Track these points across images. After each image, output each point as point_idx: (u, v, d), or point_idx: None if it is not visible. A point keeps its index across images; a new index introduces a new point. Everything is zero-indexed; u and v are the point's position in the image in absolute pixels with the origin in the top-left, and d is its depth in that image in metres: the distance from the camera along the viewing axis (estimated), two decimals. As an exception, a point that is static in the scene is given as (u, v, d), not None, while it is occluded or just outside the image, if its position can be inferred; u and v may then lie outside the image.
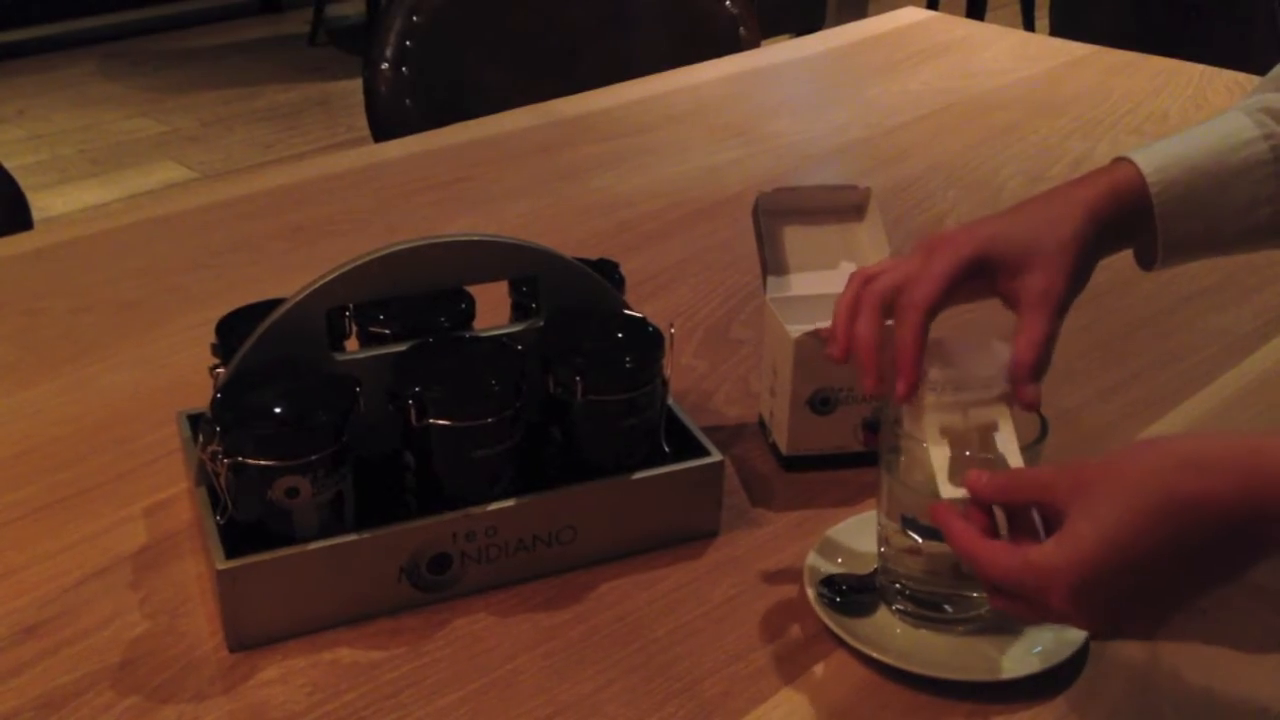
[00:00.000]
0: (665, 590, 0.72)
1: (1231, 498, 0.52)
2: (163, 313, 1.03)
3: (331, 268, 0.71)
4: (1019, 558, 0.56)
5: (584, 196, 1.26)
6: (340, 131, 3.61)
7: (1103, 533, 0.54)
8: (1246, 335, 0.99)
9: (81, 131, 3.63)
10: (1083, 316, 1.02)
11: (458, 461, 0.70)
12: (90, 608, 0.70)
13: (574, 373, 0.71)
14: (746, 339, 0.98)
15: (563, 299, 0.76)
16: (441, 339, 0.74)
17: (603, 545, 0.73)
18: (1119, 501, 0.54)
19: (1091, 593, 0.54)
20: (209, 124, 3.70)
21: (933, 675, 0.64)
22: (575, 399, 0.71)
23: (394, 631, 0.68)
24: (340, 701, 0.64)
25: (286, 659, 0.66)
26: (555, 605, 0.70)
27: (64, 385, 0.92)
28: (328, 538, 0.67)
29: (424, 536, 0.69)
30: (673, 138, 1.41)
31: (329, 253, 0.71)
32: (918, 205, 1.23)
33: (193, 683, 0.65)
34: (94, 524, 0.77)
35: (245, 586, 0.65)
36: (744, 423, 0.88)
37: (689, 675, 0.66)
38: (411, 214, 1.21)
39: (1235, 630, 0.68)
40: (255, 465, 0.65)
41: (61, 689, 0.64)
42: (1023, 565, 0.56)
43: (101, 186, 3.25)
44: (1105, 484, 0.55)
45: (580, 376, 0.71)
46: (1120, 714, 0.63)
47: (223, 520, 0.68)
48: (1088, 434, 0.86)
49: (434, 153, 1.36)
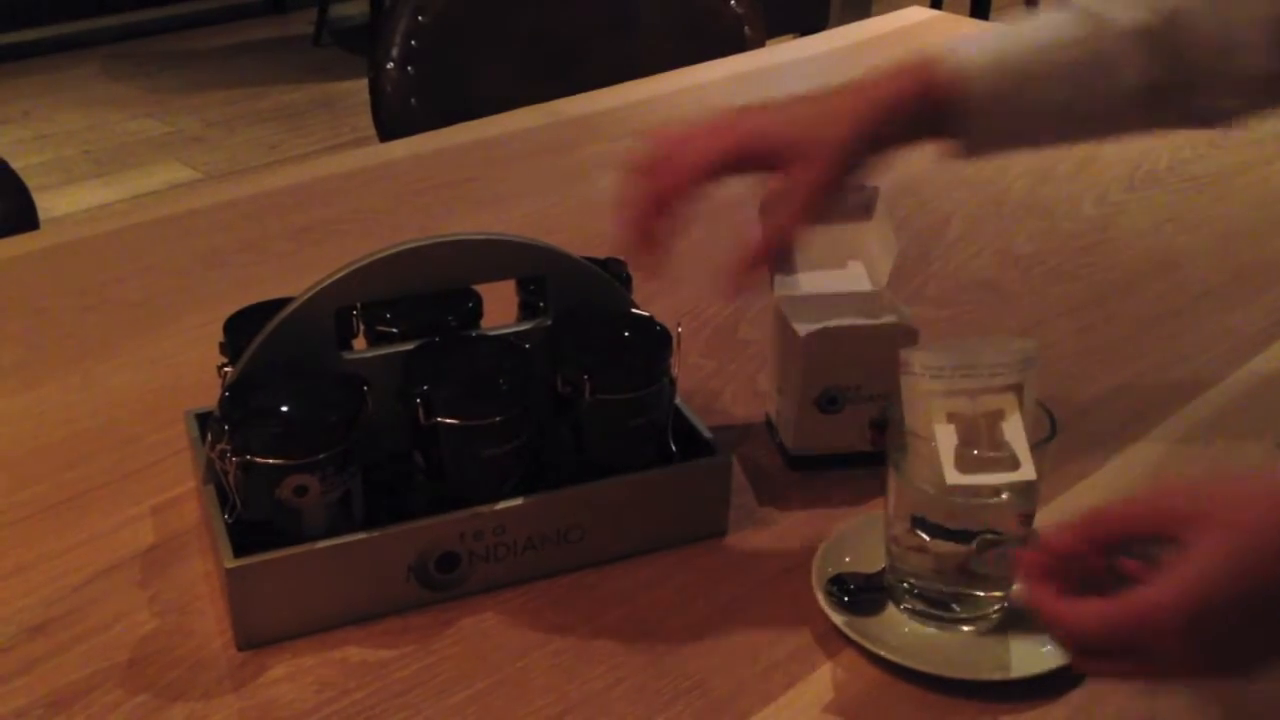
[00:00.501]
0: (673, 589, 0.72)
1: None
2: (169, 312, 1.03)
3: (339, 266, 0.71)
4: (1117, 605, 0.51)
5: (590, 196, 1.26)
6: (345, 132, 3.61)
7: (1219, 559, 0.49)
8: (1255, 335, 0.99)
9: (86, 132, 3.63)
10: (1090, 316, 1.03)
11: (466, 460, 0.70)
12: (99, 606, 0.70)
13: (582, 372, 0.71)
14: (753, 339, 0.98)
15: (571, 298, 0.76)
16: (449, 338, 0.74)
17: (611, 544, 0.73)
18: (1241, 525, 0.50)
19: (1210, 622, 0.49)
20: (213, 125, 3.70)
21: (942, 674, 0.64)
22: (583, 398, 0.71)
23: (402, 630, 0.68)
24: (349, 700, 0.64)
25: (295, 657, 0.66)
26: (563, 604, 0.70)
27: (71, 384, 0.92)
28: (336, 536, 0.67)
29: (432, 535, 0.69)
30: (678, 137, 1.41)
31: (336, 253, 0.71)
32: (923, 205, 1.23)
33: (202, 681, 0.65)
34: (102, 522, 0.77)
35: (254, 585, 0.65)
36: (751, 422, 0.88)
37: (698, 674, 0.66)
38: (418, 214, 1.21)
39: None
40: (264, 464, 0.65)
41: (70, 687, 0.64)
42: (1122, 611, 0.51)
43: (106, 187, 3.26)
44: (1216, 511, 0.51)
45: (588, 375, 0.71)
46: (1128, 714, 0.63)
47: (231, 519, 0.68)
48: (1096, 434, 0.85)
49: (440, 152, 1.36)
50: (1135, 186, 1.27)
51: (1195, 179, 1.29)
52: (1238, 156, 1.34)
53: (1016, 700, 0.64)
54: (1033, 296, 1.06)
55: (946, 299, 1.05)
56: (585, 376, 0.71)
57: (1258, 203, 1.24)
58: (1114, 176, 1.29)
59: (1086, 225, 1.19)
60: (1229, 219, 1.21)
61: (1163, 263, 1.12)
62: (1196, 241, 1.16)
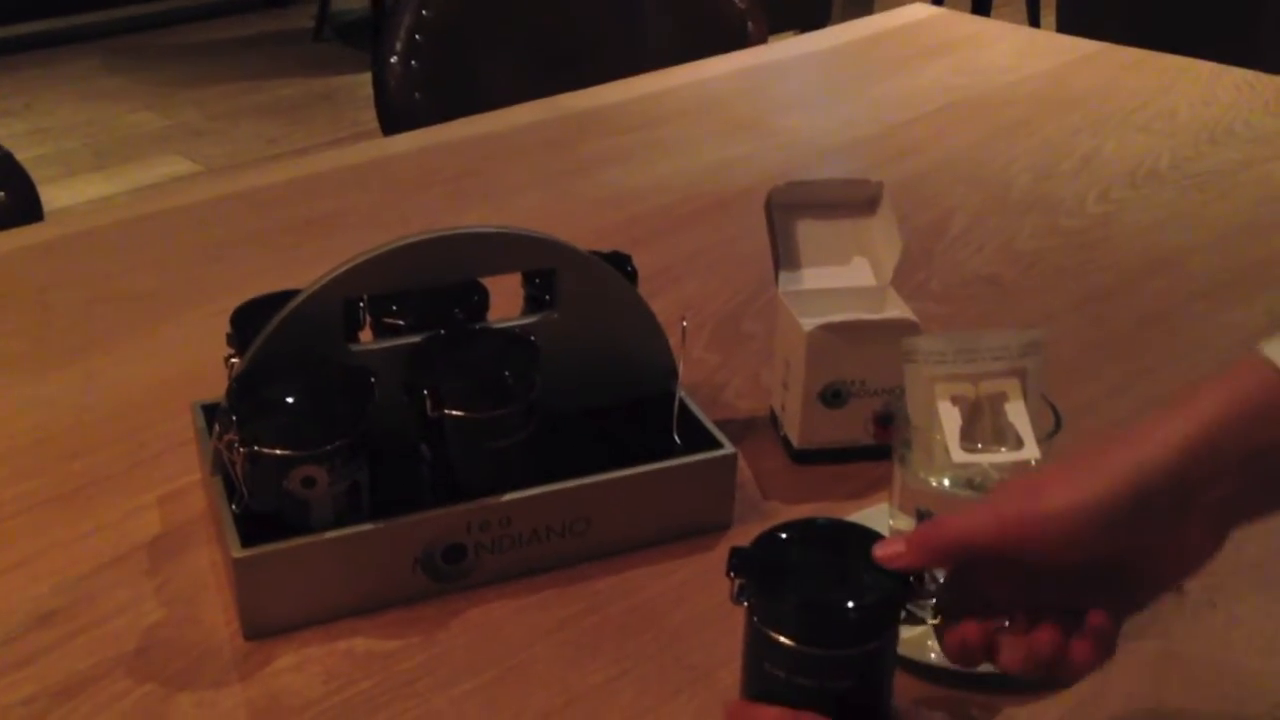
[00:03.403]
0: (678, 581, 0.72)
1: None
2: (175, 305, 1.03)
3: (347, 259, 0.71)
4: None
5: (593, 191, 1.26)
6: (346, 126, 3.61)
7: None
8: (1256, 332, 0.98)
9: (86, 125, 3.63)
10: (1093, 313, 1.03)
11: (472, 452, 0.70)
12: (106, 595, 0.70)
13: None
14: (757, 333, 0.99)
15: (577, 291, 0.76)
16: (456, 331, 0.75)
17: (616, 536, 0.73)
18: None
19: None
20: (214, 118, 3.70)
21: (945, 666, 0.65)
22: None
23: (409, 621, 0.69)
24: (356, 690, 0.64)
25: (303, 647, 0.66)
26: (569, 595, 0.71)
27: (77, 376, 0.93)
28: (343, 527, 0.67)
29: (439, 527, 0.69)
30: (682, 132, 1.41)
31: (340, 246, 0.72)
32: (926, 201, 1.23)
33: (209, 670, 0.65)
34: (108, 513, 0.77)
35: (261, 575, 0.66)
36: (755, 416, 0.88)
37: (702, 665, 0.66)
38: (421, 208, 1.22)
39: (1248, 624, 0.69)
40: (271, 454, 0.66)
41: (78, 675, 0.64)
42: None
43: (106, 180, 3.26)
44: None
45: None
46: (1132, 707, 0.64)
47: (238, 509, 0.68)
48: (1099, 430, 0.86)
49: (443, 146, 1.36)
50: (1137, 184, 1.27)
51: (1197, 177, 1.29)
52: (1239, 154, 1.34)
53: (1020, 693, 0.64)
54: (1035, 293, 1.07)
55: (949, 295, 1.06)
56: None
57: (1259, 200, 1.24)
58: (1116, 174, 1.29)
59: (1088, 222, 1.19)
60: (1230, 216, 1.21)
61: (1164, 260, 1.12)
62: (1198, 239, 1.16)
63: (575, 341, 0.76)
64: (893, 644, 0.57)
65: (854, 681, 0.56)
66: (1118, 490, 0.51)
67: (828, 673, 0.55)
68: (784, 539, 0.58)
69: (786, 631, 0.55)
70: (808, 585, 0.56)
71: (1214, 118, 1.43)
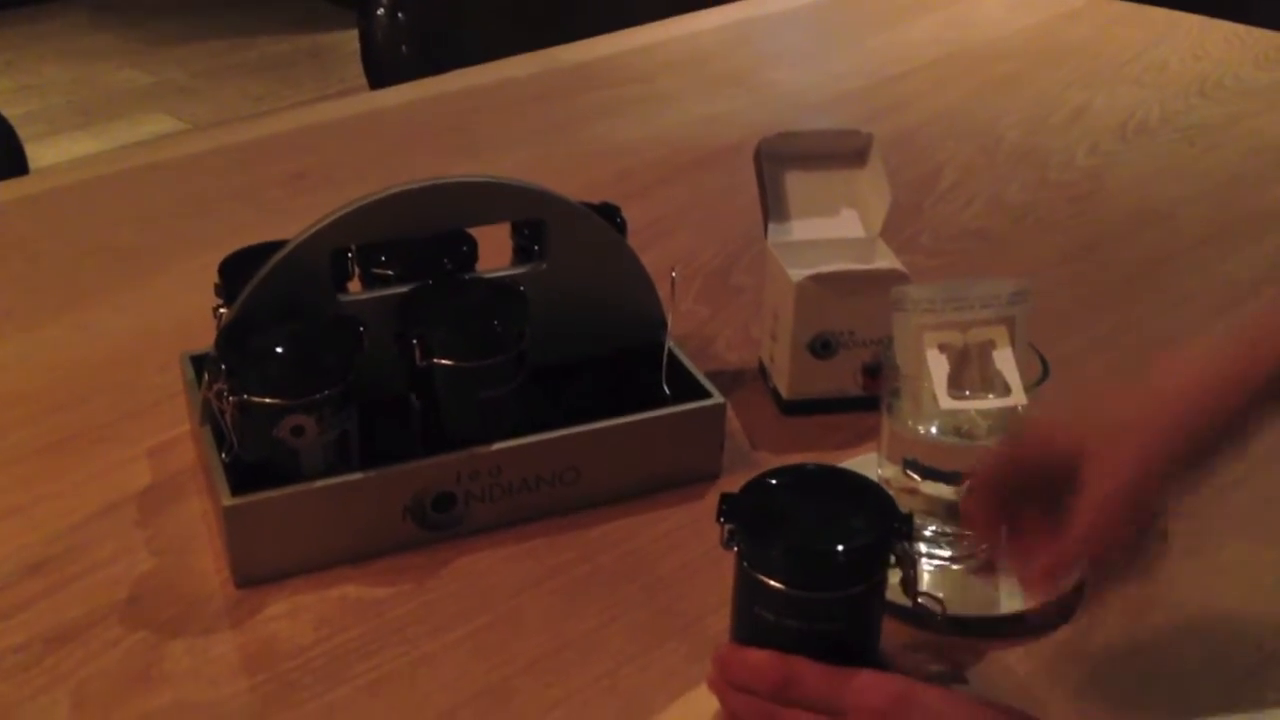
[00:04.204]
0: (668, 530, 0.72)
1: None
2: (162, 258, 1.02)
3: (335, 208, 0.71)
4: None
5: (583, 145, 1.26)
6: (333, 83, 3.58)
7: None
8: (1246, 283, 0.99)
9: (71, 83, 3.60)
10: (1081, 265, 1.03)
11: (462, 402, 0.71)
12: (97, 545, 0.70)
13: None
14: (747, 286, 0.99)
15: (567, 242, 0.76)
16: (445, 280, 0.74)
17: (606, 486, 0.74)
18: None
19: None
20: (199, 76, 3.67)
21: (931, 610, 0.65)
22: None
23: (399, 569, 0.69)
24: (347, 636, 0.64)
25: (294, 595, 0.67)
26: (559, 544, 0.71)
27: (64, 329, 0.92)
28: (333, 476, 0.67)
29: (428, 476, 0.69)
30: (672, 86, 1.41)
31: (328, 199, 0.71)
32: (917, 155, 1.23)
33: (201, 617, 0.65)
34: (98, 464, 0.77)
35: (251, 523, 0.66)
36: (745, 368, 0.88)
37: (691, 612, 0.66)
38: (410, 161, 1.21)
39: (1231, 570, 0.69)
40: (261, 403, 0.66)
41: (71, 623, 0.65)
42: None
43: (92, 138, 3.23)
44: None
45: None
46: (1116, 649, 0.64)
47: (228, 459, 0.68)
48: (1086, 381, 0.86)
49: (432, 100, 1.36)
50: (1127, 137, 1.27)
51: (1187, 130, 1.29)
52: (1229, 108, 1.34)
53: (1005, 637, 0.64)
54: (1024, 245, 1.07)
55: (939, 248, 1.06)
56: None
57: (1248, 153, 1.25)
58: (1106, 127, 1.29)
59: (1079, 175, 1.19)
60: (1220, 169, 1.21)
61: (1153, 213, 1.12)
62: (1187, 191, 1.17)
63: (564, 292, 0.76)
64: (881, 587, 0.58)
65: (842, 624, 0.57)
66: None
67: (816, 615, 0.56)
68: (773, 484, 0.59)
69: (775, 575, 0.55)
70: (797, 529, 0.56)
71: (1204, 71, 1.43)
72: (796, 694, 0.55)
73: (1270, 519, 0.74)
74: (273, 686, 0.61)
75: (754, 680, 0.56)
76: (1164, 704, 0.61)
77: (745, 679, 0.57)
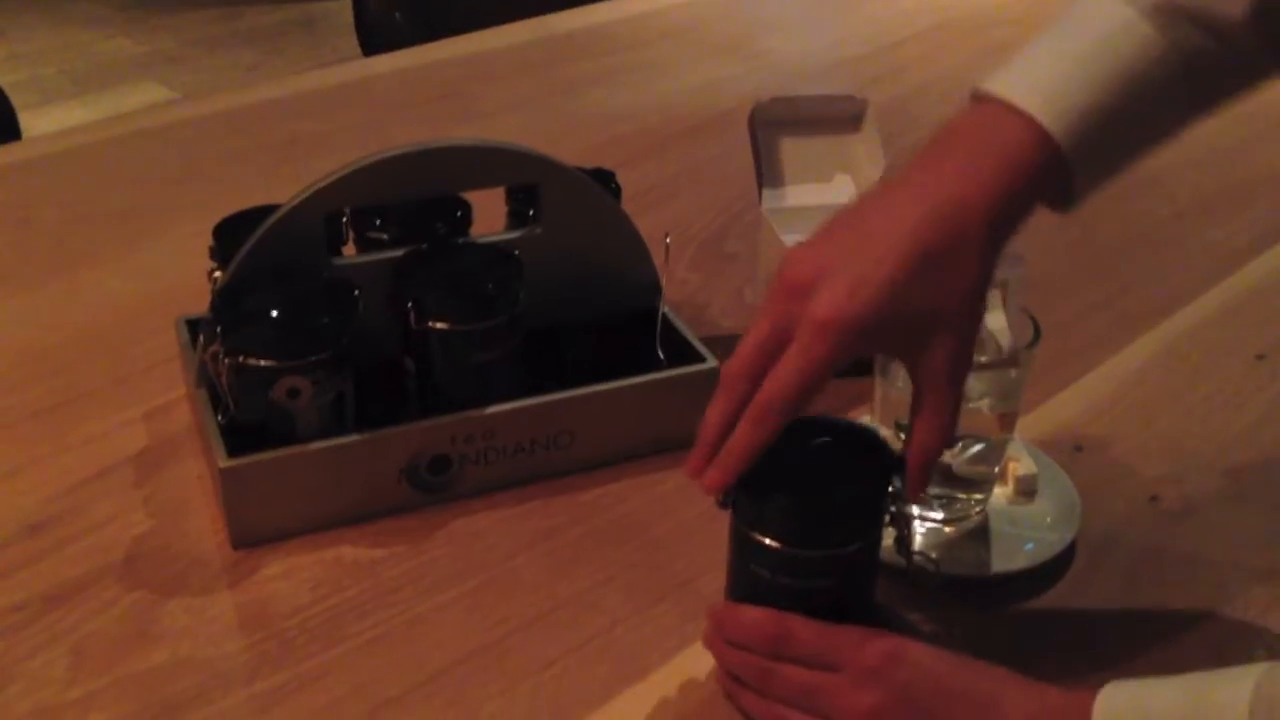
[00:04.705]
0: (662, 493, 0.73)
1: None
2: (155, 223, 1.02)
3: (330, 171, 0.70)
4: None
5: (578, 112, 1.26)
6: (326, 53, 3.57)
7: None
8: (1239, 249, 1.00)
9: (62, 51, 3.58)
10: (1074, 231, 1.03)
11: (456, 365, 0.71)
12: (93, 506, 0.71)
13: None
14: (740, 253, 0.99)
15: (561, 207, 0.76)
16: (440, 245, 0.74)
17: (600, 449, 0.74)
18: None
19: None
20: (191, 45, 3.65)
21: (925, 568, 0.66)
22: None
23: (395, 531, 0.69)
24: (343, 596, 0.65)
25: (290, 556, 0.67)
26: (554, 507, 0.71)
27: (58, 292, 0.92)
28: (329, 439, 0.68)
29: (423, 438, 0.69)
30: (667, 53, 1.40)
31: (322, 166, 0.71)
32: (913, 122, 1.22)
33: (198, 578, 0.66)
34: (93, 427, 0.77)
35: (247, 484, 0.66)
36: (738, 334, 0.87)
37: (686, 573, 0.67)
38: (404, 128, 1.21)
39: (1220, 530, 0.70)
40: (257, 365, 0.66)
41: (68, 583, 0.65)
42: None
43: (83, 107, 3.22)
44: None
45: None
46: (1107, 611, 0.65)
47: (224, 421, 0.68)
48: (1079, 346, 0.87)
49: (426, 68, 1.35)
50: (1122, 105, 1.27)
51: (1181, 98, 1.28)
52: (1224, 76, 1.34)
53: (997, 596, 0.65)
54: (1018, 213, 1.07)
55: (932, 215, 1.05)
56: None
57: (1241, 119, 1.23)
58: (1101, 95, 1.29)
59: (1072, 143, 1.19)
60: (1214, 136, 1.20)
61: (1147, 179, 1.11)
62: (1180, 157, 1.15)
63: (559, 257, 0.76)
64: (876, 545, 0.58)
65: (836, 581, 0.57)
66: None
67: (811, 572, 0.56)
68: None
69: (770, 532, 0.55)
70: (791, 487, 0.56)
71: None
72: (791, 650, 0.56)
73: (1257, 481, 0.74)
74: (270, 645, 0.62)
75: (749, 637, 0.57)
76: (1153, 662, 0.61)
77: (740, 636, 0.57)
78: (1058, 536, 0.67)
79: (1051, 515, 0.69)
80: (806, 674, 0.55)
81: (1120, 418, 0.80)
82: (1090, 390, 0.82)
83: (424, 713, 0.58)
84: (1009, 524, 0.69)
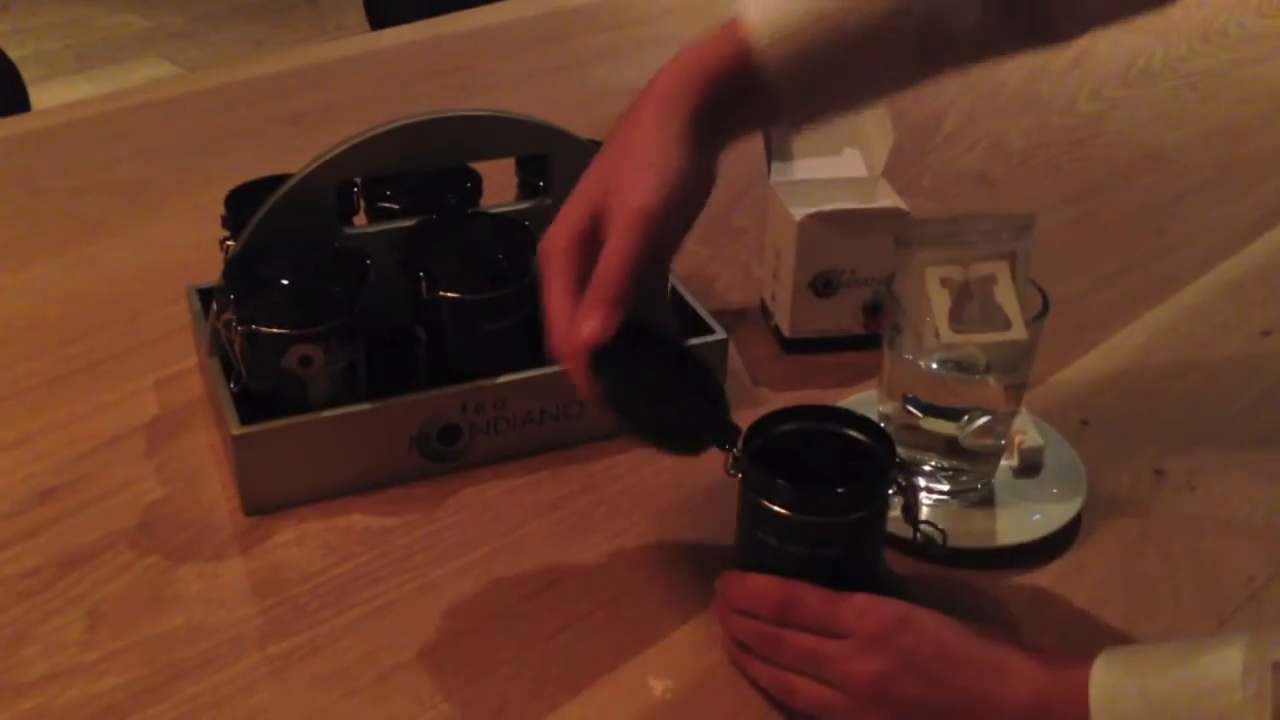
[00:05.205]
0: (671, 464, 0.73)
1: None
2: (165, 194, 1.03)
3: (341, 140, 0.71)
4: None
5: (585, 87, 1.26)
6: (331, 29, 3.56)
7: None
8: (1245, 227, 1.00)
9: (67, 26, 3.56)
10: (1080, 208, 1.04)
11: (467, 334, 0.71)
12: (106, 473, 0.71)
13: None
14: (748, 227, 0.99)
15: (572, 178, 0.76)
16: (451, 214, 0.75)
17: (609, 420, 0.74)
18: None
19: None
20: (196, 20, 3.64)
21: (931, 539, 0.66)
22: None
23: (406, 499, 0.70)
24: (354, 563, 0.65)
25: (301, 523, 0.68)
26: (563, 477, 0.72)
27: (68, 263, 0.93)
28: (340, 407, 0.68)
29: (434, 408, 0.70)
30: (673, 29, 1.40)
31: (330, 137, 0.71)
32: (919, 100, 1.22)
33: (210, 544, 0.66)
34: (106, 395, 0.78)
35: (260, 451, 0.67)
36: (746, 307, 0.89)
37: (693, 542, 0.67)
38: (411, 102, 1.20)
39: (1224, 505, 0.71)
40: (269, 333, 0.66)
41: (82, 548, 0.66)
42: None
43: (89, 82, 3.21)
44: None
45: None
46: (1111, 580, 0.65)
47: (237, 389, 0.69)
48: (1085, 321, 0.87)
49: (432, 41, 1.35)
50: (1129, 82, 1.27)
51: (1188, 76, 1.29)
52: (1231, 54, 1.34)
53: (1002, 569, 0.66)
54: (1025, 189, 1.07)
55: (941, 191, 1.06)
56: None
57: (1248, 99, 1.25)
58: (1108, 72, 1.29)
59: (1080, 120, 1.19)
60: (1220, 115, 1.21)
61: (1154, 157, 1.13)
62: (1187, 136, 1.17)
63: (568, 228, 0.76)
64: (882, 514, 0.59)
65: (844, 549, 0.58)
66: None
67: (818, 540, 0.57)
68: (778, 416, 0.60)
69: (778, 500, 0.56)
70: (800, 455, 0.57)
71: (1207, 18, 1.43)
72: (797, 617, 0.56)
73: (1261, 455, 0.75)
74: (282, 610, 0.62)
75: (756, 604, 0.57)
76: (1157, 633, 0.62)
77: (747, 603, 0.58)
78: (1063, 509, 0.68)
79: (1057, 488, 0.70)
80: (813, 640, 0.56)
81: (1126, 392, 0.80)
82: (1096, 364, 0.83)
83: (434, 678, 0.59)
84: (1015, 496, 0.69)
